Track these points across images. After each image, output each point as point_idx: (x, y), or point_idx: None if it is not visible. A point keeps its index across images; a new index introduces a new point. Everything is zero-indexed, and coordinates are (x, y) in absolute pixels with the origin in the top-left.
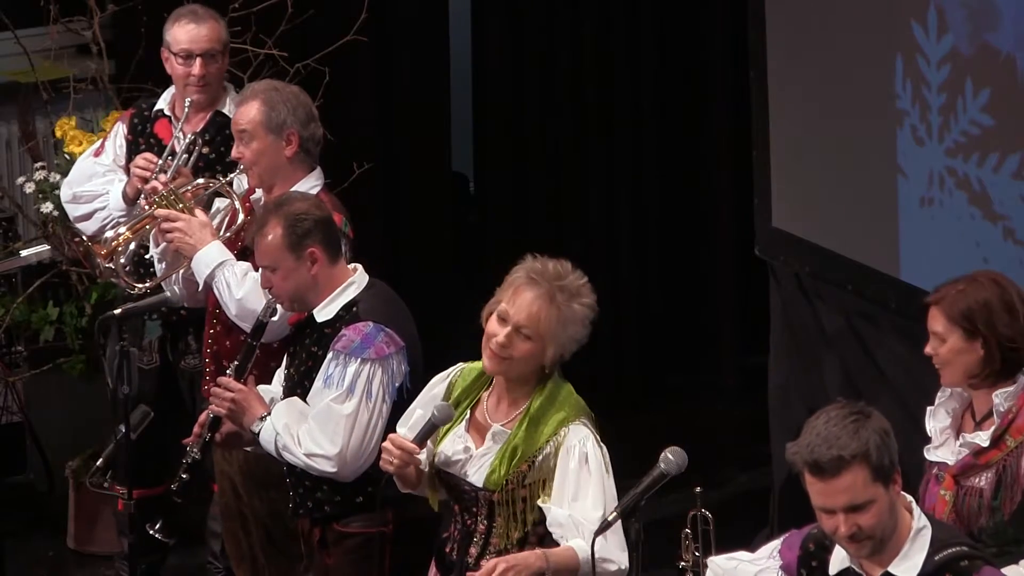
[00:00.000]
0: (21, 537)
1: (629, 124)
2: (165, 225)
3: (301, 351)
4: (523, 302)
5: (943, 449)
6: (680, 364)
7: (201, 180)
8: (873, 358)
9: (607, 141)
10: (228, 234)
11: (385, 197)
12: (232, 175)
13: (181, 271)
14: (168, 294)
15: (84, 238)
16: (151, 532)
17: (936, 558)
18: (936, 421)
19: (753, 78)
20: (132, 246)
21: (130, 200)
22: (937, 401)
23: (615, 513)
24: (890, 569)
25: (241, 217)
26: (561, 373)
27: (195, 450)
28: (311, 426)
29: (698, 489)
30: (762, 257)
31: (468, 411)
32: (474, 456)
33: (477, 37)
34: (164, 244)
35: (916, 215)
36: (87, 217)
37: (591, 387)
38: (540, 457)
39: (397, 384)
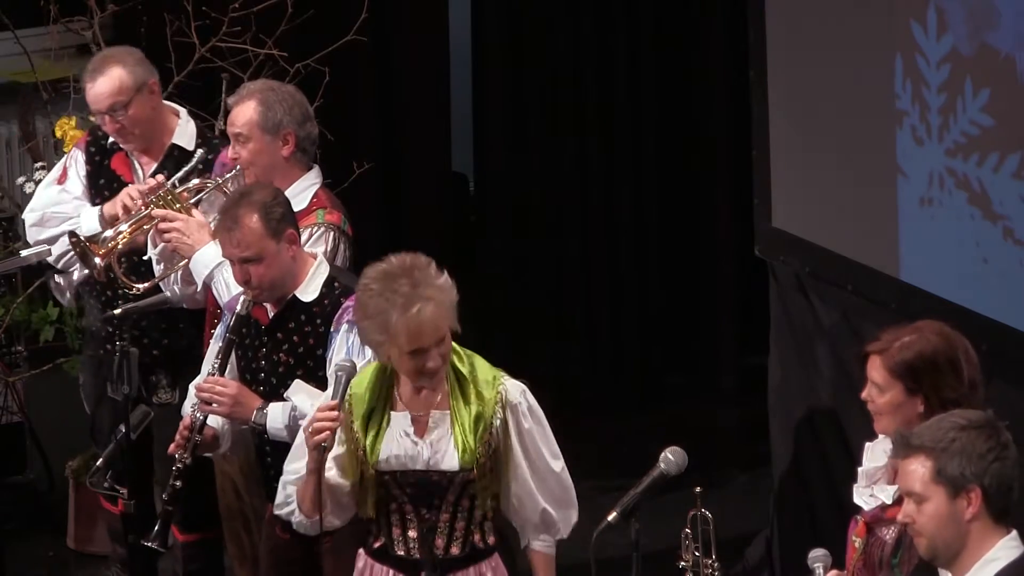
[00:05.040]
0: (21, 537)
1: (629, 124)
2: (163, 225)
3: (290, 335)
4: (422, 325)
5: (865, 493)
6: (680, 364)
7: (196, 180)
8: None
9: (607, 141)
10: None
11: (385, 197)
12: (228, 175)
13: (180, 271)
14: (168, 294)
15: (81, 237)
16: (146, 543)
17: None
18: (870, 460)
19: (753, 78)
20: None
21: (107, 223)
22: (879, 438)
23: (615, 513)
24: None
25: None
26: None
27: (186, 455)
28: None
29: (698, 489)
30: (762, 257)
31: (391, 411)
32: (428, 445)
33: (477, 37)
34: (162, 244)
35: (916, 215)
36: (53, 240)
37: (591, 387)
38: (497, 422)
39: None
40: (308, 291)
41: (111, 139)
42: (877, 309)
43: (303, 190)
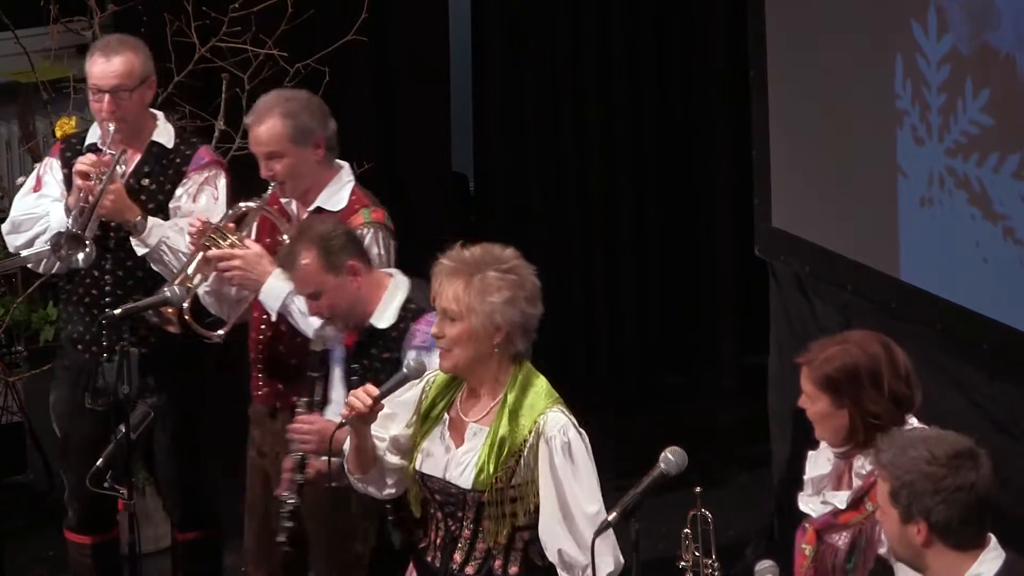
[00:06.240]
0: (21, 537)
1: (629, 124)
2: (222, 265)
3: (373, 362)
4: (441, 290)
5: (813, 500)
6: (680, 364)
7: (243, 205)
8: None
9: (607, 141)
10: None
11: (385, 197)
12: (266, 194)
13: (217, 287)
14: (168, 294)
15: (155, 307)
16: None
17: None
18: (815, 468)
19: (753, 78)
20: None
21: (70, 214)
22: (821, 447)
23: (615, 513)
24: None
25: (285, 226)
26: (530, 366)
27: (292, 497)
28: None
29: (698, 489)
30: (762, 257)
31: (445, 413)
32: (456, 456)
33: (477, 37)
34: (213, 277)
35: (916, 215)
36: (29, 244)
37: (591, 388)
38: (526, 451)
39: None
40: (384, 318)
41: (87, 142)
42: (877, 309)
43: (339, 189)
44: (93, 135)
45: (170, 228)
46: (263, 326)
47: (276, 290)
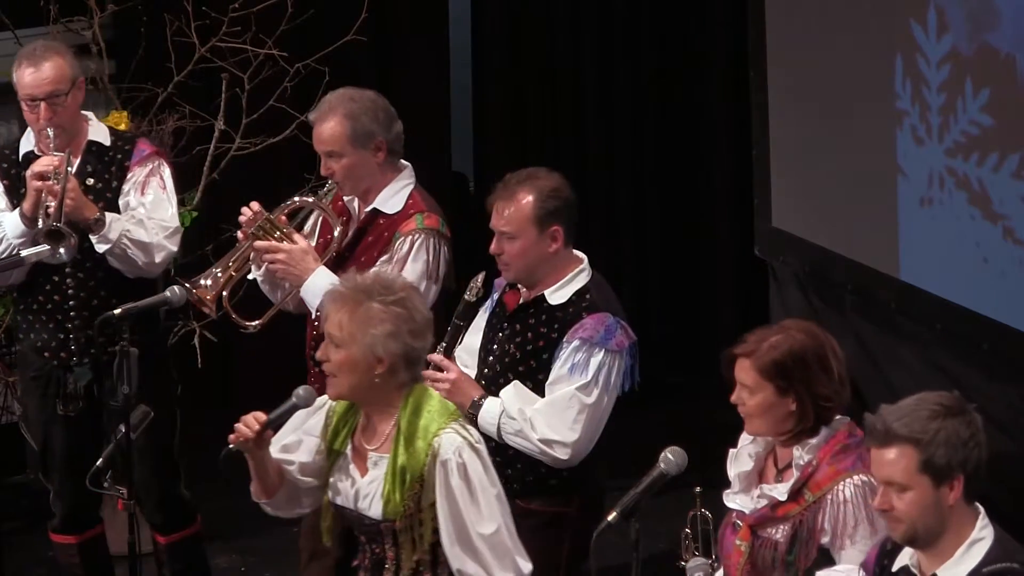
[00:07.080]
0: (21, 537)
1: (629, 124)
2: (267, 257)
3: (525, 330)
4: (328, 316)
5: (742, 496)
6: (680, 364)
7: (297, 199)
8: (873, 358)
9: (607, 141)
10: (331, 253)
11: None
12: (324, 192)
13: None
14: (168, 294)
15: (188, 285)
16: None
17: (984, 571)
18: (738, 466)
19: (753, 78)
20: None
21: (29, 220)
22: (740, 444)
23: (615, 513)
24: (938, 572)
25: (338, 228)
26: (422, 386)
27: None
28: (547, 412)
29: (698, 489)
30: (762, 257)
31: (348, 441)
32: (361, 487)
33: (477, 37)
34: (266, 266)
35: (916, 215)
36: None
37: None
38: (426, 474)
39: (628, 376)
40: (558, 294)
41: (22, 152)
42: (877, 309)
43: (397, 191)
44: (27, 144)
45: (128, 221)
46: (316, 321)
47: (316, 288)
